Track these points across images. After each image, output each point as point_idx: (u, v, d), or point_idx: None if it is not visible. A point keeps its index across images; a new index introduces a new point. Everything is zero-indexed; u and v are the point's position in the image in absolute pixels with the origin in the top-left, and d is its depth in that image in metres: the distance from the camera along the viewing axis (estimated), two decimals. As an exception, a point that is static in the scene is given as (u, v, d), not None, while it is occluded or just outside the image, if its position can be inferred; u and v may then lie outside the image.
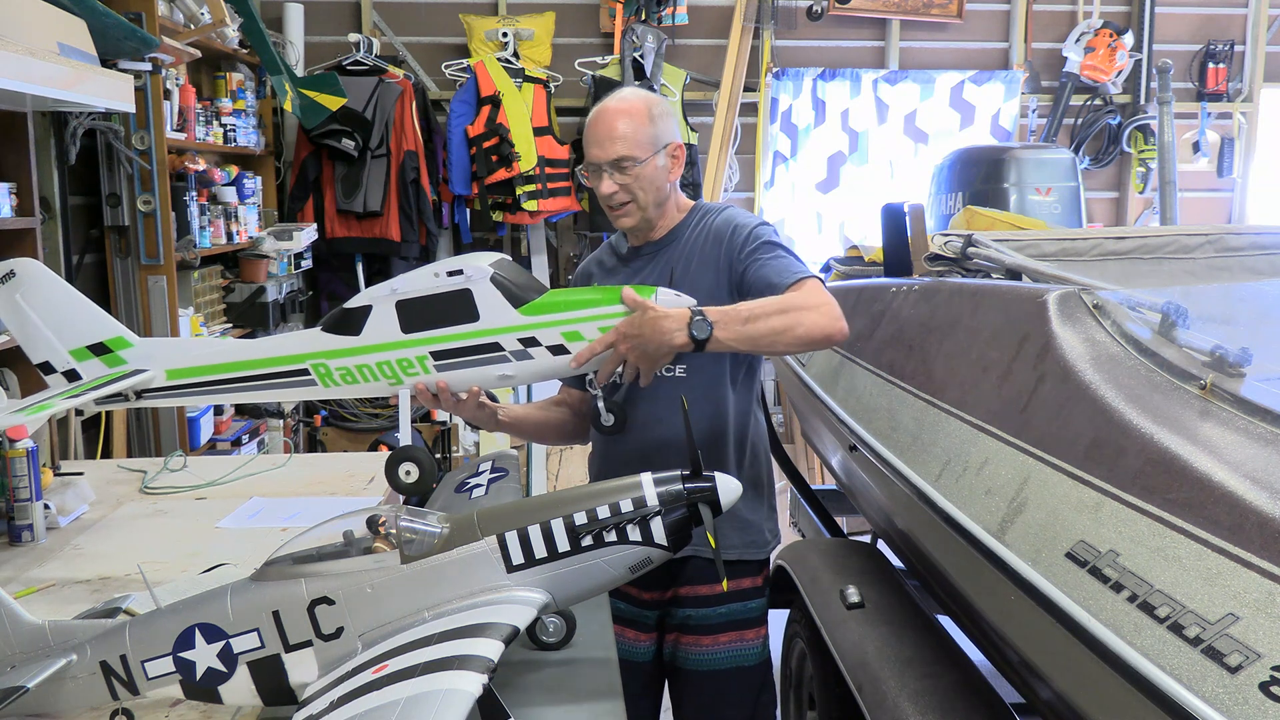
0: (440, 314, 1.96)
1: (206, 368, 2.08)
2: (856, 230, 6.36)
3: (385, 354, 1.99)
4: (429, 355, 1.98)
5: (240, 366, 2.06)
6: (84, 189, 4.05)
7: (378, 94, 5.89)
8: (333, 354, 2.01)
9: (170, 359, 2.11)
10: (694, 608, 2.32)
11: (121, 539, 2.46)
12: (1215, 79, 6.92)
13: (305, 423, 5.95)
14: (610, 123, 2.20)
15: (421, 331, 1.97)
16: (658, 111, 2.24)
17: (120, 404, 2.12)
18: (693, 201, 2.39)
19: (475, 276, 1.94)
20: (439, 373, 1.99)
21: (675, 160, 2.28)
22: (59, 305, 2.12)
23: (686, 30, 6.51)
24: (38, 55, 2.81)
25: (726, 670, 2.33)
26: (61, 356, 2.12)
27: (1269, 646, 1.23)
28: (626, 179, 2.21)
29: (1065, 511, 1.69)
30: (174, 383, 2.10)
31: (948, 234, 2.95)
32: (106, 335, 2.11)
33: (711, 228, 2.29)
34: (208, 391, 2.10)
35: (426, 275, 1.97)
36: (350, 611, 1.55)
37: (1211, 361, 1.73)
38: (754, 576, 2.35)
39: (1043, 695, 1.75)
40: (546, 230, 6.50)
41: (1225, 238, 3.04)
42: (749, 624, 2.35)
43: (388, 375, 2.00)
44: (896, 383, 2.67)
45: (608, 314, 1.97)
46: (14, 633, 1.60)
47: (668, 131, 2.25)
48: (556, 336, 1.97)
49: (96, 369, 2.10)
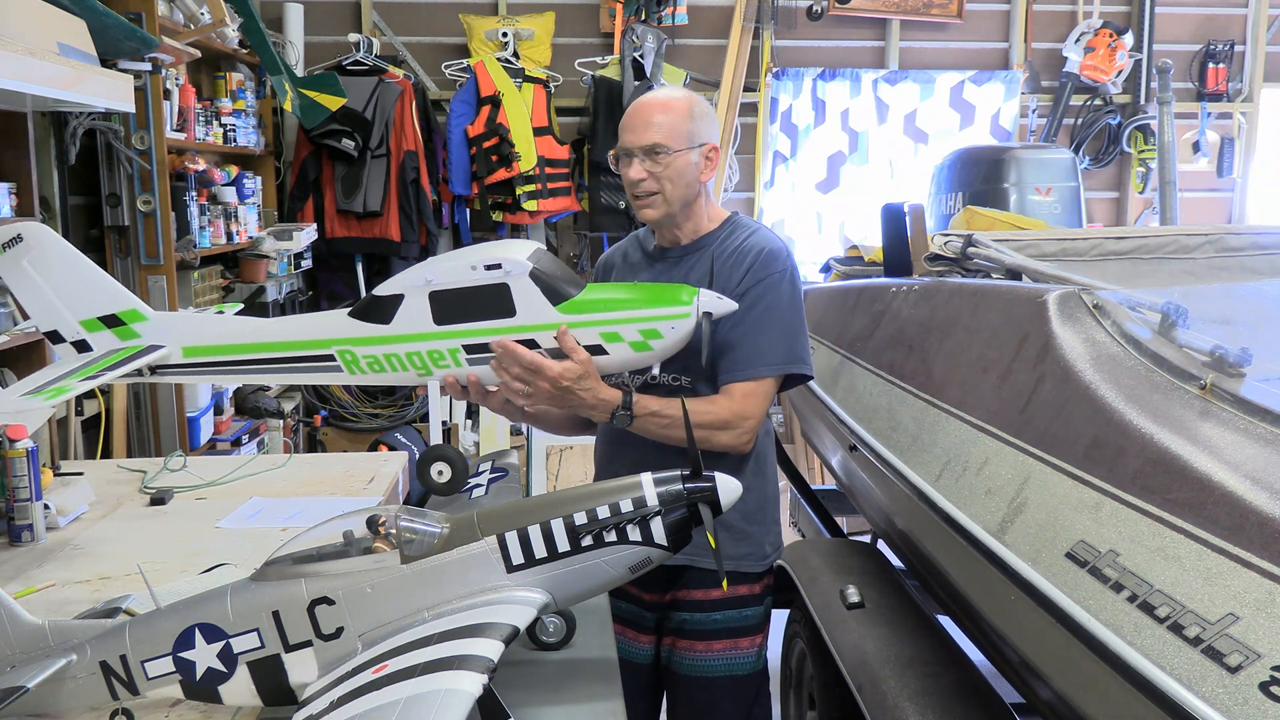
0: (475, 307, 1.93)
1: (226, 346, 2.04)
2: (856, 230, 6.36)
3: (416, 345, 1.96)
4: (461, 348, 1.95)
5: (262, 348, 2.02)
6: (84, 189, 4.05)
7: (378, 94, 5.89)
8: (361, 341, 1.98)
9: (187, 335, 2.05)
10: (690, 612, 2.31)
11: (121, 539, 2.46)
12: (1215, 79, 6.92)
13: (305, 423, 5.95)
14: (648, 111, 2.19)
15: (455, 324, 1.94)
16: (699, 111, 2.22)
17: (133, 379, 2.06)
18: (728, 213, 2.34)
19: (514, 272, 1.91)
20: (470, 366, 1.97)
21: (709, 162, 2.23)
22: (70, 273, 2.05)
23: (686, 30, 6.51)
24: (38, 55, 2.81)
25: (720, 678, 2.31)
26: (71, 326, 2.05)
27: (1269, 646, 1.23)
28: (657, 167, 2.17)
29: (1065, 511, 1.69)
30: (191, 360, 2.04)
31: (948, 234, 2.95)
32: (120, 307, 2.05)
33: (741, 247, 2.24)
34: (226, 371, 2.05)
35: (463, 267, 1.93)
36: (350, 611, 1.55)
37: (1211, 361, 1.73)
38: (750, 584, 2.33)
39: (1043, 695, 1.75)
40: (546, 230, 6.50)
41: (1225, 238, 3.05)
42: (744, 632, 2.33)
43: (417, 366, 1.97)
44: (896, 383, 2.67)
45: (648, 315, 1.95)
46: (14, 633, 1.60)
47: (705, 132, 2.21)
48: (595, 336, 1.96)
49: (108, 341, 2.04)
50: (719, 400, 2.17)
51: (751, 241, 2.24)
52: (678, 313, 1.95)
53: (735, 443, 2.17)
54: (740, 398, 2.16)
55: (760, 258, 2.20)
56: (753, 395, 2.17)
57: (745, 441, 2.19)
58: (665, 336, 1.96)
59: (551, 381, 1.96)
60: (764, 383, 2.18)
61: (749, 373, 2.17)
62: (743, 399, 2.16)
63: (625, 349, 1.97)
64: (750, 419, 2.17)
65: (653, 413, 2.09)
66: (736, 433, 2.16)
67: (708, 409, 2.14)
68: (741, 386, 2.17)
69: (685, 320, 1.95)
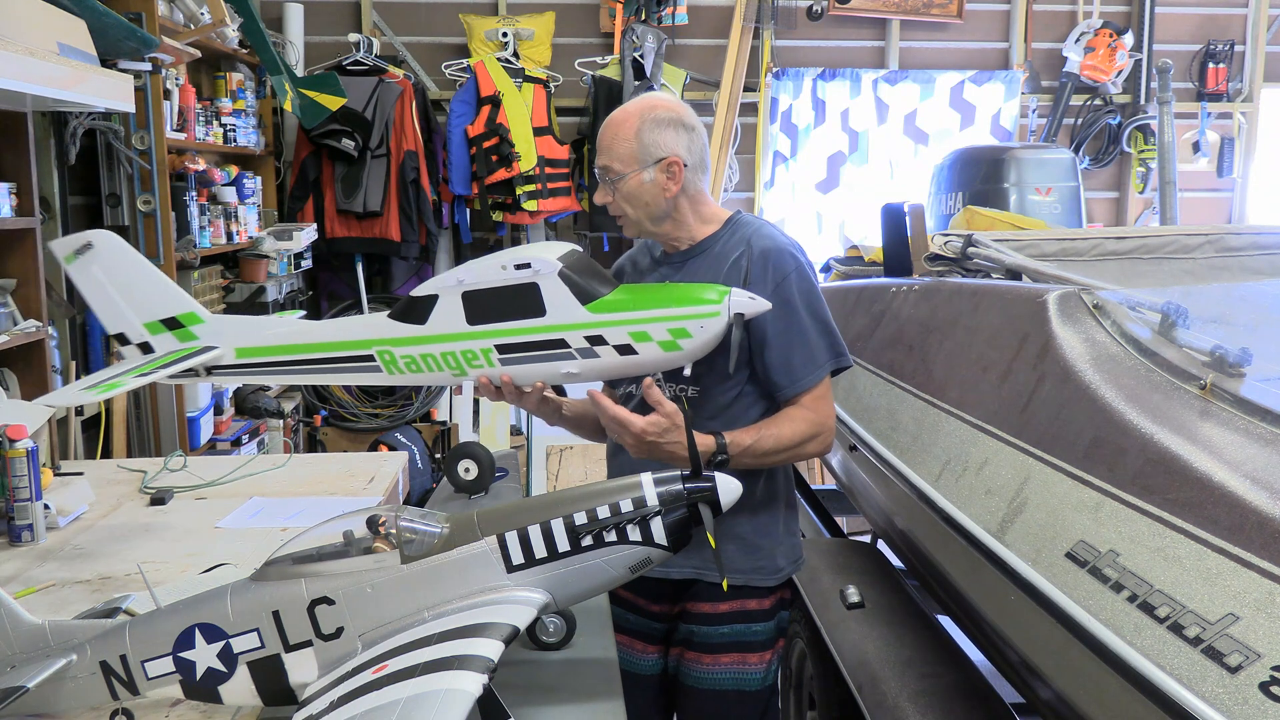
0: (506, 307, 1.96)
1: (275, 348, 2.11)
2: (856, 230, 6.36)
3: (450, 345, 1.99)
4: (494, 348, 1.98)
5: (308, 349, 2.09)
6: (84, 189, 4.05)
7: (378, 94, 5.89)
8: (399, 341, 2.02)
9: (240, 337, 2.13)
10: (698, 624, 2.26)
11: (121, 539, 2.46)
12: (1215, 79, 6.91)
13: (305, 423, 5.95)
14: (603, 134, 2.16)
15: (487, 324, 1.97)
16: (650, 122, 2.11)
17: (190, 379, 2.18)
18: (729, 213, 2.26)
19: (543, 271, 1.93)
20: (503, 366, 1.99)
21: (670, 177, 2.12)
22: (134, 277, 2.16)
23: (686, 30, 6.51)
24: (38, 55, 2.81)
25: (728, 692, 2.26)
26: (136, 329, 2.15)
27: (1269, 646, 1.23)
28: (615, 191, 2.15)
29: (1065, 511, 1.69)
30: (243, 361, 2.13)
31: (948, 234, 2.95)
32: (179, 310, 2.16)
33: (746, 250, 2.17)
34: (276, 372, 2.13)
35: (494, 267, 1.96)
36: (350, 611, 1.55)
37: (1211, 361, 1.73)
38: (760, 599, 2.26)
39: (1043, 695, 1.75)
40: (546, 230, 6.50)
41: (1225, 238, 3.05)
42: (752, 647, 2.26)
43: (452, 366, 2.01)
44: (896, 383, 2.67)
45: (677, 315, 1.94)
46: (14, 633, 1.60)
47: (661, 145, 2.10)
48: (624, 336, 1.96)
49: (169, 343, 2.13)
50: (794, 414, 2.13)
51: (756, 243, 2.15)
52: (707, 311, 1.93)
53: (823, 448, 2.17)
54: (813, 405, 2.14)
55: (769, 261, 2.13)
56: (822, 399, 2.15)
57: (829, 444, 2.18)
58: (695, 336, 1.94)
59: (636, 437, 1.97)
60: (824, 383, 2.16)
61: (808, 380, 2.13)
62: (815, 405, 2.14)
63: (655, 349, 1.96)
64: (829, 420, 2.16)
65: (747, 448, 2.05)
66: (821, 439, 2.15)
67: (792, 430, 2.11)
68: (809, 396, 2.14)
69: (715, 320, 1.93)
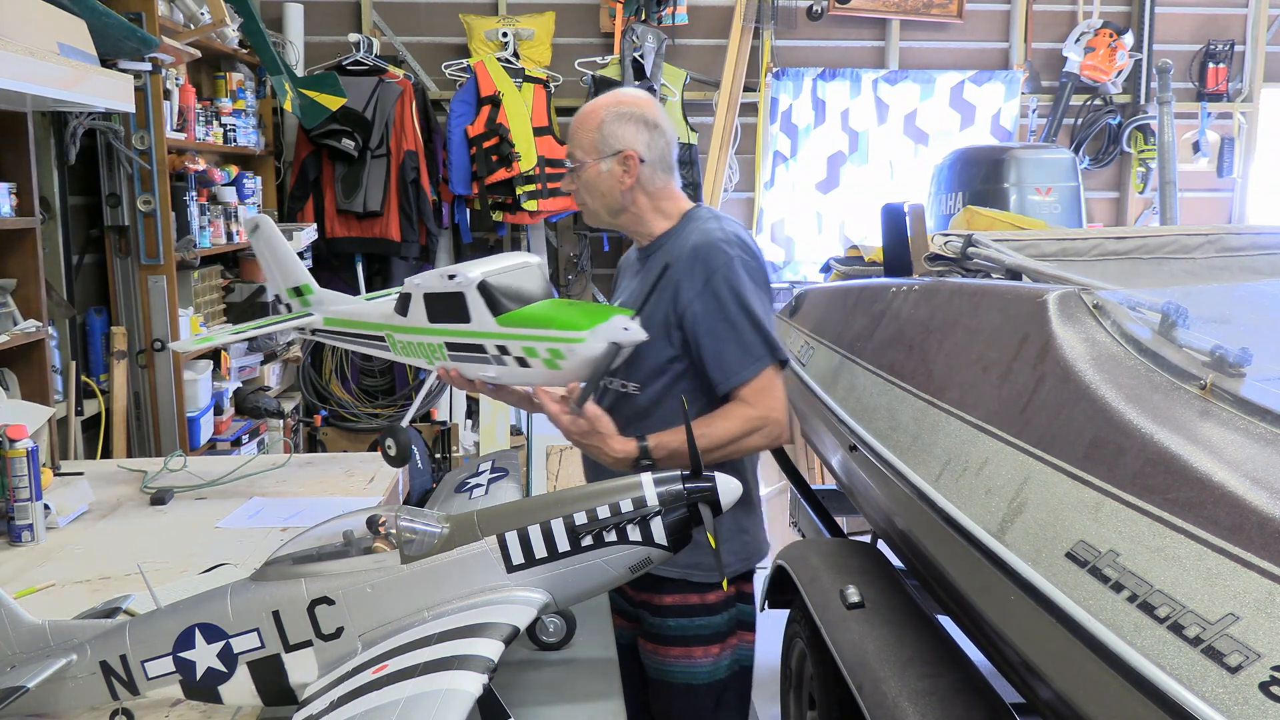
0: (448, 311, 2.19)
1: (343, 321, 2.56)
2: (856, 230, 6.36)
3: (419, 337, 2.28)
4: (444, 345, 2.23)
5: (355, 325, 2.51)
6: (84, 189, 4.05)
7: (378, 94, 5.89)
8: (394, 328, 2.36)
9: (330, 309, 2.60)
10: (648, 613, 2.31)
11: (121, 539, 2.46)
12: (1215, 79, 6.91)
13: (305, 423, 5.95)
14: (572, 122, 2.29)
15: (437, 323, 2.22)
16: (614, 115, 2.20)
17: (300, 335, 2.69)
18: (691, 205, 2.31)
19: (464, 283, 2.14)
20: (454, 362, 2.23)
21: (626, 170, 2.20)
22: (283, 252, 2.67)
23: (686, 30, 6.50)
24: (38, 55, 2.81)
25: (677, 685, 2.29)
26: (283, 294, 2.67)
27: (1269, 646, 1.23)
28: (577, 180, 2.26)
29: (1065, 511, 1.69)
30: (328, 328, 2.59)
31: (948, 234, 2.95)
32: (303, 281, 2.64)
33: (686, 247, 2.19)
34: (342, 340, 2.57)
35: (443, 274, 2.19)
36: (350, 611, 1.55)
37: (1211, 361, 1.73)
38: (703, 594, 2.26)
39: (1043, 695, 1.75)
40: (546, 230, 6.50)
41: (1225, 238, 3.05)
42: (699, 641, 2.27)
43: (423, 355, 2.30)
44: (896, 383, 2.67)
45: (558, 338, 2.05)
46: (14, 633, 1.60)
47: (620, 138, 2.19)
48: (519, 349, 2.11)
49: (298, 306, 2.65)
50: (731, 410, 2.15)
51: (693, 240, 2.19)
52: (574, 337, 2.04)
53: (771, 441, 2.17)
54: (754, 399, 2.15)
55: (699, 256, 2.16)
56: (764, 391, 2.15)
57: (779, 435, 2.18)
58: (567, 358, 2.06)
59: (565, 433, 2.12)
60: (765, 374, 2.16)
61: (744, 374, 2.15)
62: (755, 399, 2.15)
63: (541, 365, 2.11)
64: (774, 413, 2.15)
65: (673, 452, 2.08)
66: (766, 432, 2.15)
67: (724, 427, 2.12)
68: (747, 389, 2.15)
69: (581, 345, 2.04)
